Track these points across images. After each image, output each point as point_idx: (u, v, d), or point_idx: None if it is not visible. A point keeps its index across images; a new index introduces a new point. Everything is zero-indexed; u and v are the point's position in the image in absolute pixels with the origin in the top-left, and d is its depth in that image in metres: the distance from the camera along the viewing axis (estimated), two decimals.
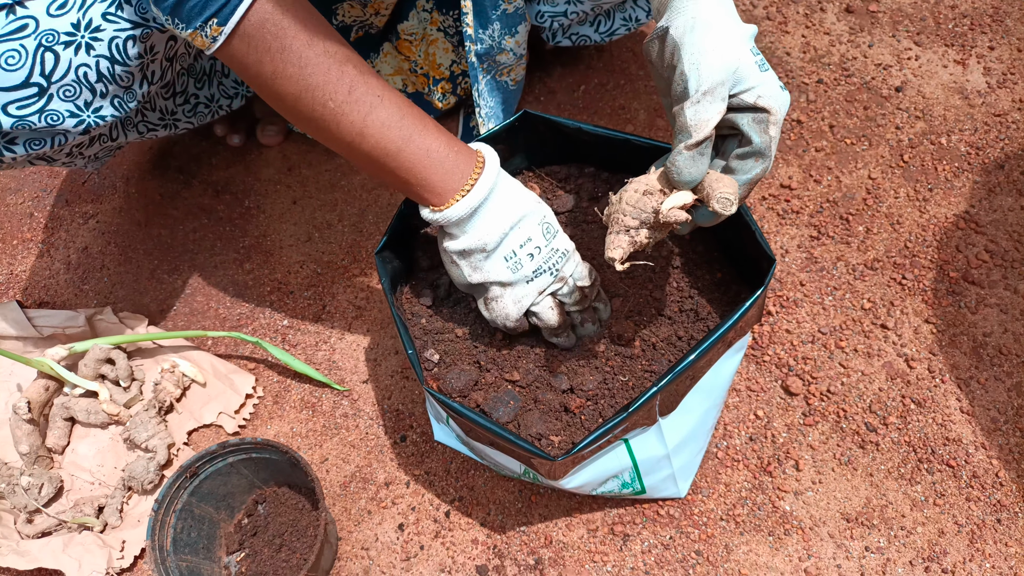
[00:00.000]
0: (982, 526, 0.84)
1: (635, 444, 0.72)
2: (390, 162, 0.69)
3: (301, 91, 0.66)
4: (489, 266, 0.72)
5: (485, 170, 0.70)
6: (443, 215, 0.70)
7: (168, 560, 0.80)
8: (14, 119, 0.73)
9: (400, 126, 0.68)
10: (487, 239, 0.70)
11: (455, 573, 0.86)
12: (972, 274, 0.98)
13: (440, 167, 0.69)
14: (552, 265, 0.73)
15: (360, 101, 0.67)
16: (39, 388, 0.96)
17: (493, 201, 0.70)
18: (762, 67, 0.60)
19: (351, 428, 0.97)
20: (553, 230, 0.74)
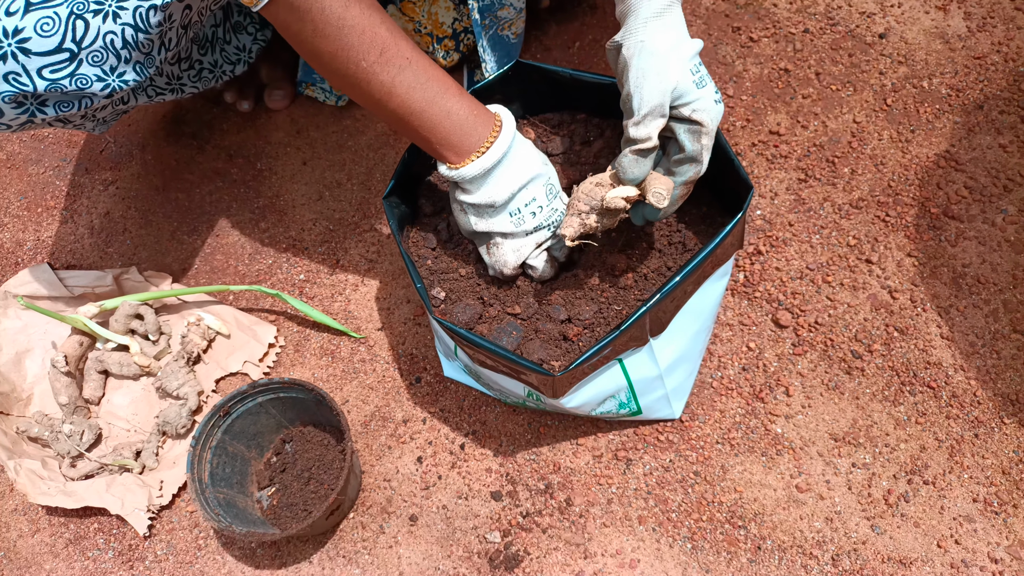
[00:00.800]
0: (961, 441, 0.90)
1: (629, 364, 0.79)
2: (414, 120, 0.75)
3: (337, 50, 0.71)
4: (495, 219, 0.79)
5: (502, 133, 0.76)
6: (459, 173, 0.76)
7: (207, 492, 0.86)
8: (47, 82, 0.78)
9: (425, 88, 0.74)
10: (497, 197, 0.77)
11: (471, 499, 0.93)
12: (952, 209, 1.03)
13: (460, 128, 0.75)
14: (552, 223, 0.81)
15: (390, 63, 0.72)
16: (74, 343, 1.03)
17: (507, 163, 0.77)
18: (700, 84, 0.69)
19: (369, 372, 1.03)
20: (555, 191, 0.81)
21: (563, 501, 0.92)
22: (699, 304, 0.80)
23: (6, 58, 0.75)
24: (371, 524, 0.93)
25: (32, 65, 0.76)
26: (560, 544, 0.89)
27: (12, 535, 0.99)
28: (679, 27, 0.70)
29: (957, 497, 0.87)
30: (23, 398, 1.03)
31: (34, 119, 0.83)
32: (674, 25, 0.70)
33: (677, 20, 0.70)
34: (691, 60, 0.69)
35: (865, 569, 0.84)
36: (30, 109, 0.81)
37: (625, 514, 0.90)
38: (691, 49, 0.69)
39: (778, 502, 0.89)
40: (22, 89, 0.77)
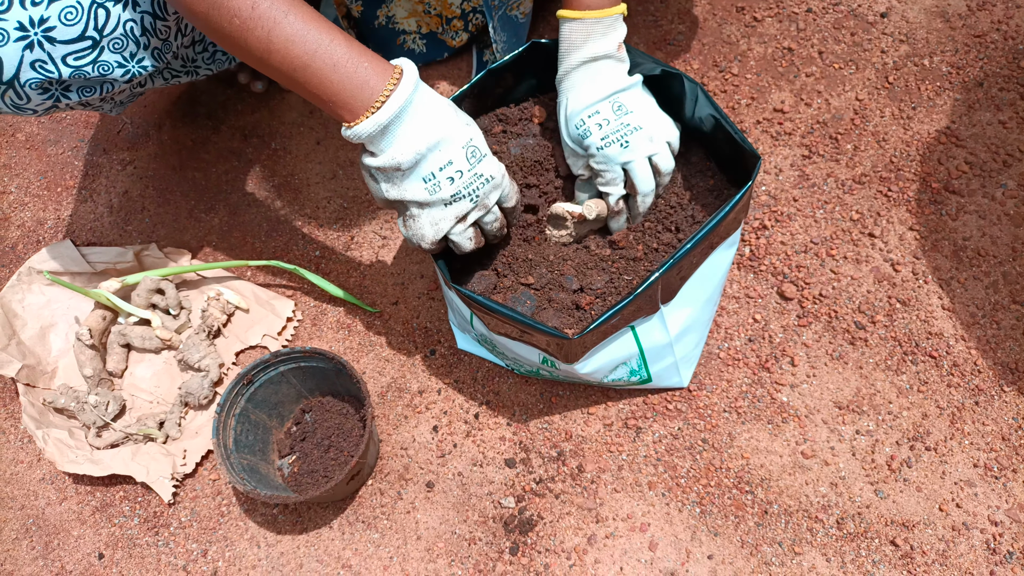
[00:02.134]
0: (962, 408, 0.93)
1: (641, 332, 0.81)
2: (298, 77, 0.71)
3: (209, 9, 0.70)
4: (406, 185, 0.73)
5: (400, 84, 0.70)
6: (352, 131, 0.71)
7: (232, 457, 0.89)
8: (72, 69, 0.81)
9: (305, 40, 0.70)
10: (401, 158, 0.71)
11: (486, 466, 0.96)
12: (953, 184, 1.06)
13: (349, 81, 0.70)
14: (473, 191, 0.75)
15: (264, 16, 0.69)
16: (97, 318, 1.05)
17: (409, 119, 0.71)
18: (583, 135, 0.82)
19: (384, 345, 1.06)
20: (480, 154, 0.75)
21: (575, 468, 0.95)
22: (708, 273, 0.83)
23: (32, 47, 0.77)
24: (389, 491, 0.96)
25: (57, 53, 0.79)
26: (572, 509, 0.92)
27: (41, 503, 1.02)
28: (574, 88, 0.82)
29: (958, 462, 0.90)
30: (48, 371, 1.06)
31: (58, 104, 0.86)
32: (569, 88, 0.83)
33: (573, 83, 0.83)
34: (575, 116, 0.82)
35: (869, 532, 0.87)
36: (55, 95, 0.84)
37: (635, 480, 0.93)
38: (577, 105, 0.82)
39: (784, 468, 0.92)
40: (48, 76, 0.80)
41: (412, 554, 0.92)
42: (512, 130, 0.94)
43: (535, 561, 0.90)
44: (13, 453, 1.06)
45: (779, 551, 0.87)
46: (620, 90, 0.81)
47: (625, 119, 0.81)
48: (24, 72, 0.78)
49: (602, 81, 0.81)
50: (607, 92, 0.81)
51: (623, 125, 0.81)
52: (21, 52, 0.77)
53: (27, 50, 0.77)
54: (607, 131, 0.81)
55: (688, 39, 1.24)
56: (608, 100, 0.81)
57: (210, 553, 0.96)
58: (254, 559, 0.94)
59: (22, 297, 1.09)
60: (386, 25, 1.23)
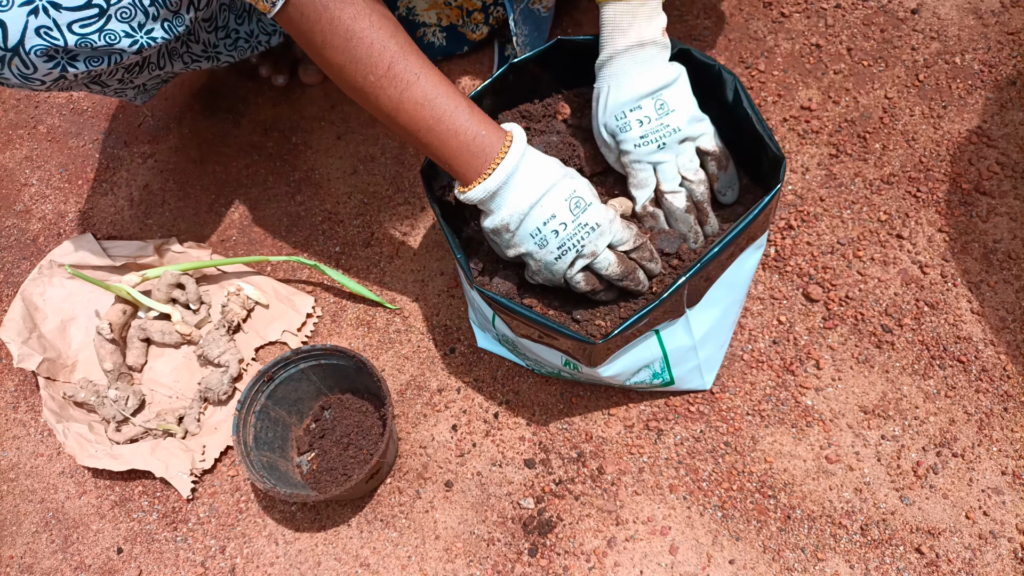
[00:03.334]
0: (990, 415, 0.91)
1: (665, 335, 0.80)
2: (422, 138, 0.75)
3: (346, 62, 0.72)
4: (516, 242, 0.76)
5: (509, 153, 0.74)
6: (466, 196, 0.75)
7: (251, 454, 0.89)
8: (77, 37, 0.80)
9: (433, 105, 0.73)
10: (509, 219, 0.75)
11: (505, 466, 0.95)
12: (984, 185, 1.04)
13: (467, 149, 0.74)
14: (578, 241, 0.75)
15: (398, 78, 0.73)
16: (117, 312, 1.05)
17: (515, 182, 0.74)
18: (622, 129, 0.81)
19: (404, 342, 1.05)
20: (584, 204, 0.75)
21: (595, 469, 0.94)
22: (735, 276, 0.81)
23: (38, 12, 0.76)
24: (408, 489, 0.95)
25: (63, 20, 0.78)
26: (592, 511, 0.92)
27: (60, 496, 1.02)
28: (618, 75, 0.80)
29: (986, 469, 0.88)
30: (68, 364, 1.06)
31: (65, 74, 0.85)
32: (612, 74, 0.81)
33: (617, 69, 0.80)
34: (619, 107, 0.80)
35: (894, 539, 0.86)
36: (61, 63, 0.83)
37: (656, 482, 0.92)
38: (622, 96, 0.80)
39: (808, 472, 0.91)
40: (53, 43, 0.79)
41: (430, 554, 0.92)
42: (536, 127, 0.93)
43: (554, 563, 0.89)
44: (34, 446, 1.07)
45: (802, 557, 0.86)
46: (666, 85, 0.79)
47: (666, 120, 0.79)
48: (29, 38, 0.77)
49: (648, 73, 0.79)
50: (653, 87, 0.79)
51: (663, 126, 0.79)
52: (26, 17, 0.76)
53: (32, 15, 0.76)
54: (647, 129, 0.79)
55: (714, 34, 1.23)
56: (652, 97, 0.79)
57: (228, 550, 0.96)
58: (272, 556, 0.94)
59: (43, 290, 1.09)
60: (406, 17, 1.22)
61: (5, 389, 1.12)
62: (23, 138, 1.35)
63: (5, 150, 1.35)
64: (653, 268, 0.80)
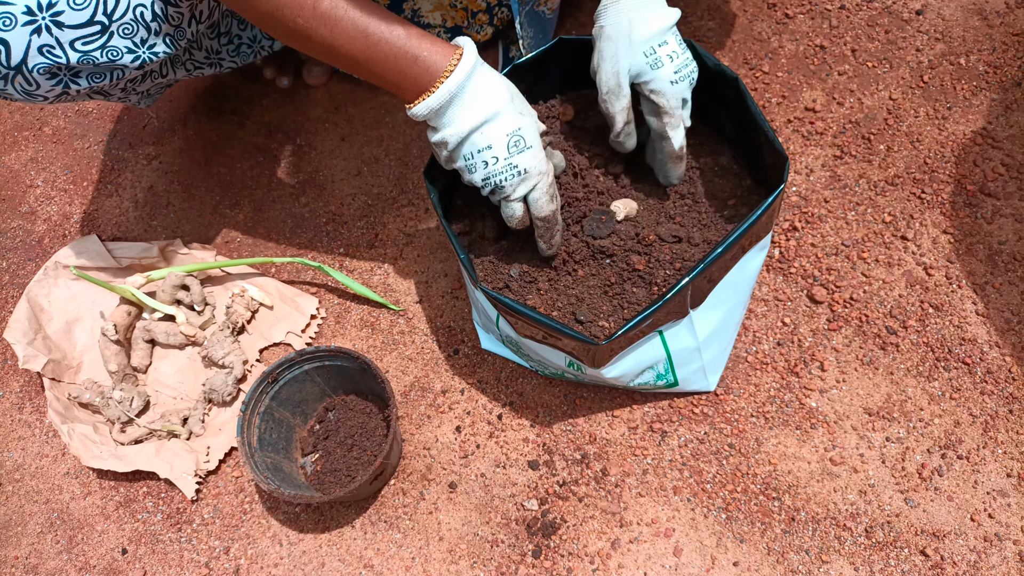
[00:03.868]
0: (995, 416, 0.91)
1: (669, 336, 0.80)
2: (363, 69, 0.75)
3: (272, 10, 0.72)
4: (452, 158, 0.78)
5: (457, 68, 0.73)
6: (412, 112, 0.75)
7: (256, 456, 0.89)
8: (80, 54, 0.80)
9: (366, 35, 0.73)
10: (448, 137, 0.75)
11: (509, 467, 0.95)
12: (988, 187, 1.04)
13: (411, 67, 0.74)
14: (502, 180, 0.76)
15: (326, 15, 0.72)
16: (122, 313, 1.05)
17: (462, 100, 0.74)
18: (654, 65, 0.76)
19: (408, 344, 1.06)
20: (523, 145, 0.75)
21: (599, 471, 0.94)
22: (738, 276, 0.81)
23: (40, 31, 0.76)
24: (411, 491, 0.95)
25: (65, 38, 0.78)
26: (596, 513, 0.91)
27: (65, 497, 1.02)
28: (639, 6, 0.76)
29: (991, 472, 0.88)
30: (73, 366, 1.06)
31: (68, 90, 0.85)
32: (632, 6, 0.77)
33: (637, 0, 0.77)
34: (646, 43, 0.76)
35: (898, 541, 0.86)
36: (63, 80, 0.83)
37: (660, 484, 0.92)
38: (648, 30, 0.76)
39: (812, 475, 0.90)
40: (56, 61, 0.79)
41: (434, 555, 0.92)
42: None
43: (558, 565, 0.89)
44: (39, 447, 1.07)
45: (806, 559, 0.86)
46: (676, 20, 0.78)
47: (688, 55, 0.78)
48: (32, 57, 0.78)
49: (665, 7, 0.77)
50: (672, 20, 0.77)
51: (690, 60, 0.78)
52: (29, 37, 0.76)
53: (35, 35, 0.76)
54: (678, 64, 0.77)
55: (718, 36, 1.23)
56: (673, 31, 0.77)
57: (232, 550, 0.96)
58: (276, 557, 0.94)
59: (48, 291, 1.09)
60: (411, 18, 1.22)
61: (10, 390, 1.12)
62: (28, 140, 1.36)
63: (11, 152, 1.35)
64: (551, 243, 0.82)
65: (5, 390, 1.12)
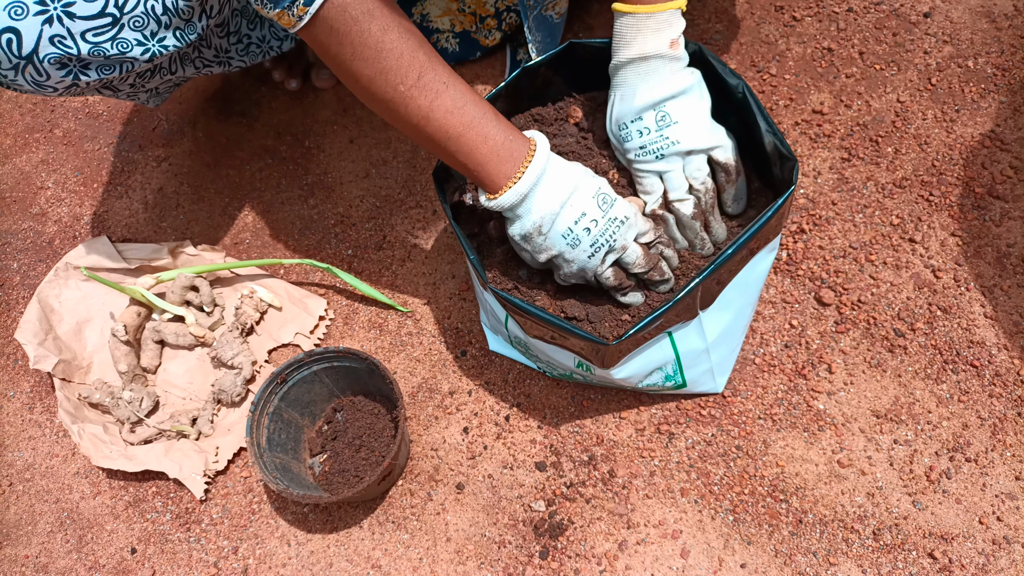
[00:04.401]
0: (1004, 419, 0.91)
1: (678, 337, 0.80)
2: (451, 146, 0.75)
3: (375, 74, 0.72)
4: (548, 244, 0.77)
5: (535, 157, 0.75)
6: (497, 203, 0.75)
7: (265, 456, 0.90)
8: (91, 45, 0.81)
9: (462, 112, 0.74)
10: (541, 221, 0.75)
11: (517, 469, 0.95)
12: (997, 189, 1.04)
13: (495, 154, 0.75)
14: (610, 236, 0.76)
15: (428, 87, 0.73)
16: (132, 314, 1.06)
17: (543, 185, 0.75)
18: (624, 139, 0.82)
19: (416, 345, 1.06)
20: (610, 200, 0.77)
21: (606, 472, 0.94)
22: (747, 278, 0.81)
23: (52, 21, 0.77)
24: (419, 491, 0.96)
25: (76, 29, 0.78)
26: (603, 514, 0.92)
27: (75, 497, 1.03)
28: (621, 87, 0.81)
29: (999, 475, 0.88)
30: (83, 366, 1.07)
31: (78, 82, 0.85)
32: (617, 85, 0.81)
33: (621, 80, 0.81)
34: (620, 119, 0.81)
35: (906, 544, 0.86)
36: (73, 71, 0.83)
37: (667, 486, 0.92)
38: (622, 108, 0.80)
39: (820, 477, 0.90)
40: (66, 52, 0.80)
41: (442, 556, 0.92)
42: (547, 130, 0.93)
43: (565, 566, 0.89)
44: (49, 447, 1.08)
45: (814, 561, 0.86)
46: (668, 97, 0.79)
47: (666, 132, 0.79)
48: (43, 47, 0.78)
49: (652, 85, 0.79)
50: (654, 99, 0.79)
51: (662, 138, 0.79)
52: (40, 26, 0.76)
53: (46, 24, 0.77)
54: (646, 140, 0.80)
55: (725, 38, 1.23)
56: (653, 109, 0.79)
57: (241, 550, 0.96)
58: (284, 557, 0.95)
59: (59, 292, 1.10)
60: (420, 23, 1.23)
61: (21, 390, 1.13)
62: (39, 142, 1.37)
63: (22, 153, 1.36)
64: (672, 258, 0.81)
65: (16, 390, 1.13)
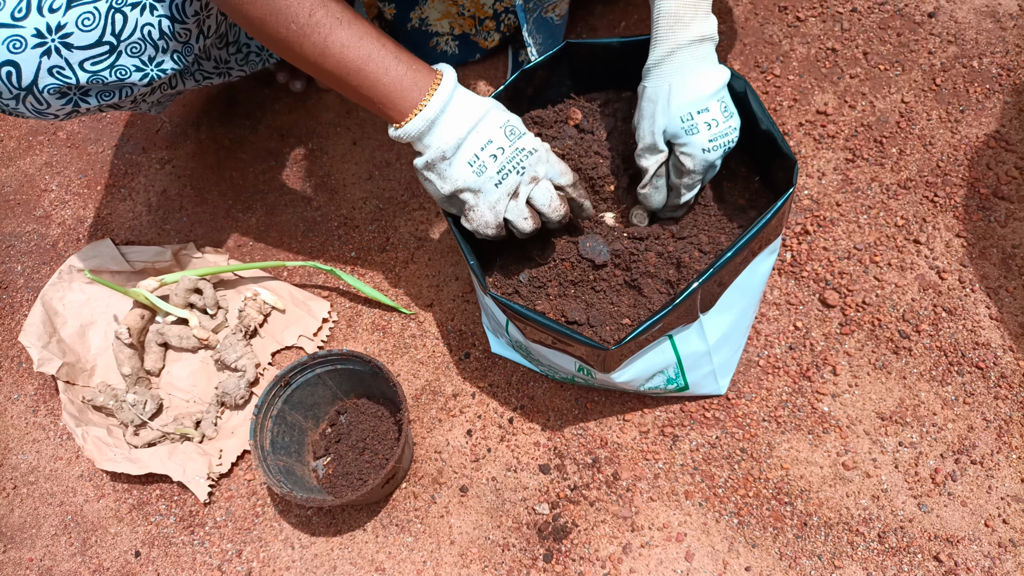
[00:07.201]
0: (1009, 421, 0.90)
1: (679, 340, 0.80)
2: (351, 80, 0.74)
3: (266, 15, 0.72)
4: (454, 172, 0.76)
5: (441, 85, 0.74)
6: (403, 130, 0.75)
7: (268, 459, 0.90)
8: (89, 74, 0.81)
9: (359, 46, 0.73)
10: (444, 145, 0.74)
11: (520, 471, 0.95)
12: (1002, 190, 1.03)
13: (399, 84, 0.74)
14: (518, 163, 0.76)
15: (320, 23, 0.72)
16: (136, 316, 1.06)
17: (449, 112, 0.75)
18: (689, 131, 0.76)
19: (419, 347, 1.06)
20: (518, 132, 0.77)
21: (610, 475, 0.94)
22: (748, 280, 0.81)
23: (50, 53, 0.77)
24: (423, 494, 0.96)
25: (74, 59, 0.79)
26: (607, 517, 0.91)
27: (79, 500, 1.03)
28: (682, 72, 0.76)
29: (1005, 477, 0.88)
30: (87, 369, 1.07)
31: (78, 108, 0.86)
32: (675, 71, 0.76)
33: (680, 65, 0.76)
34: (684, 108, 0.76)
35: (912, 546, 0.85)
36: (73, 99, 0.84)
37: (672, 489, 0.92)
38: (688, 97, 0.76)
39: (824, 479, 0.90)
40: (66, 82, 0.80)
41: (445, 559, 0.92)
42: (547, 133, 0.93)
43: (569, 569, 0.89)
44: (53, 450, 1.08)
45: (818, 564, 0.86)
46: (724, 84, 0.77)
47: (730, 123, 0.77)
48: (42, 78, 0.79)
49: (711, 72, 0.76)
50: (717, 87, 0.76)
51: (731, 128, 0.77)
52: (39, 59, 0.77)
53: (44, 56, 0.77)
54: (715, 133, 0.76)
55: (729, 39, 1.22)
56: (717, 98, 0.76)
57: (245, 553, 0.96)
58: (288, 560, 0.95)
59: (63, 295, 1.10)
60: (419, 27, 1.23)
61: (25, 393, 1.13)
62: (43, 144, 1.37)
63: (26, 156, 1.36)
64: (588, 206, 0.83)
65: (20, 393, 1.13)
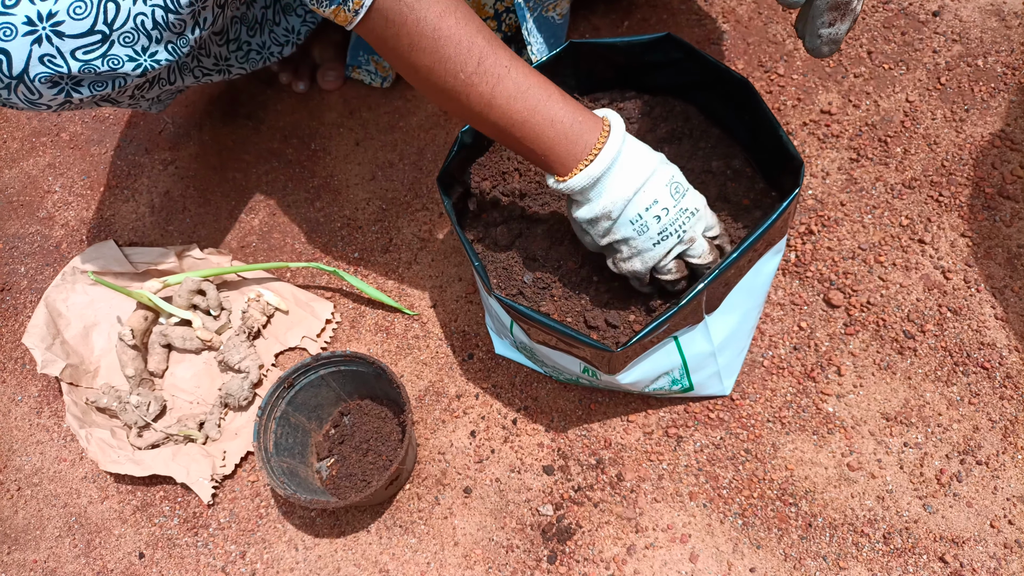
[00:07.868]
0: (1015, 422, 0.90)
1: (684, 341, 0.80)
2: (516, 132, 0.72)
3: (434, 63, 0.70)
4: (616, 229, 0.74)
5: (610, 138, 0.72)
6: (567, 185, 0.72)
7: (272, 461, 0.89)
8: (80, 63, 0.80)
9: (526, 96, 0.71)
10: (611, 206, 0.72)
11: (524, 472, 0.95)
12: (1007, 189, 1.03)
13: (564, 137, 0.71)
14: (679, 226, 0.74)
15: (488, 72, 0.70)
16: (139, 318, 1.06)
17: (616, 170, 0.72)
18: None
19: (422, 348, 1.06)
20: (683, 189, 0.74)
21: (614, 476, 0.93)
22: (753, 281, 0.81)
23: (41, 41, 0.76)
24: (426, 495, 0.96)
25: (66, 47, 0.78)
26: (612, 518, 0.91)
27: (83, 501, 1.03)
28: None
29: (1011, 478, 0.87)
30: (91, 370, 1.07)
31: (71, 99, 0.85)
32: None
33: None
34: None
35: (917, 547, 0.85)
36: (65, 89, 0.83)
37: (676, 490, 0.92)
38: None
39: (829, 480, 0.90)
40: (57, 70, 0.79)
41: (449, 560, 0.92)
42: None
43: (573, 570, 0.89)
44: (56, 451, 1.08)
45: (823, 565, 0.86)
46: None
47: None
48: (33, 67, 0.78)
49: None
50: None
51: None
52: (29, 47, 0.76)
53: (35, 44, 0.76)
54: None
55: (733, 39, 1.22)
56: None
57: (248, 555, 0.96)
58: (292, 562, 0.95)
59: (66, 296, 1.10)
60: None
61: (29, 394, 1.13)
62: (46, 145, 1.37)
63: (28, 157, 1.36)
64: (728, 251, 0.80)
65: (24, 395, 1.13)
